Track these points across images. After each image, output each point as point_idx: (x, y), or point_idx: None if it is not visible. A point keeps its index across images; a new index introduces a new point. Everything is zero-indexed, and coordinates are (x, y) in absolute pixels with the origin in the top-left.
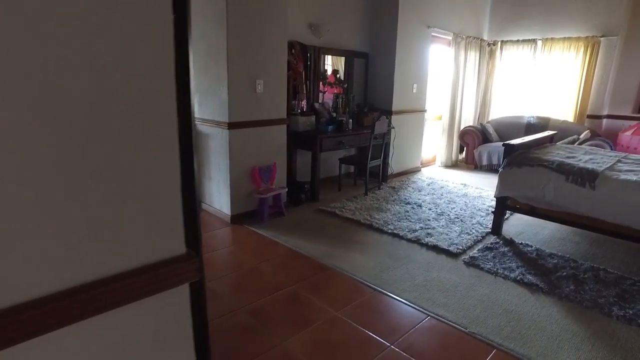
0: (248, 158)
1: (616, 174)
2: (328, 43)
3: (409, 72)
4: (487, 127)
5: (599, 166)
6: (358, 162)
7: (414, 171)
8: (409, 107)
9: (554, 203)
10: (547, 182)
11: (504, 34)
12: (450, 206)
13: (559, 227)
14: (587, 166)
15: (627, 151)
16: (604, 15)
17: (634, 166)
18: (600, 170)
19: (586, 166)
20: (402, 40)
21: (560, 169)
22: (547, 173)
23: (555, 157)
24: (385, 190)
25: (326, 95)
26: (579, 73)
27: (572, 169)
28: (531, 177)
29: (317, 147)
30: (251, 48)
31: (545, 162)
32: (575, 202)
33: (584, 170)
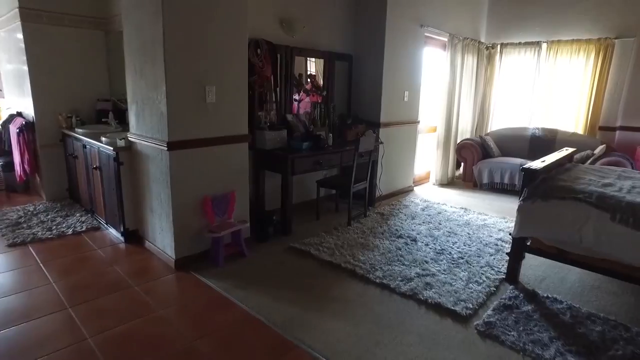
0: (196, 186)
1: None
2: (304, 43)
3: (400, 77)
4: (487, 141)
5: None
6: (340, 185)
7: (405, 192)
8: (400, 118)
9: (595, 249)
10: (585, 221)
11: (504, 36)
12: (451, 240)
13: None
14: (636, 199)
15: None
16: (619, 14)
17: None
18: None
19: (635, 199)
20: (391, 40)
21: (602, 204)
22: (585, 209)
23: (589, 185)
24: (372, 218)
25: (302, 106)
26: (589, 79)
27: (619, 203)
28: (563, 213)
29: (289, 170)
30: (198, 45)
31: (579, 193)
32: (627, 250)
33: (635, 205)
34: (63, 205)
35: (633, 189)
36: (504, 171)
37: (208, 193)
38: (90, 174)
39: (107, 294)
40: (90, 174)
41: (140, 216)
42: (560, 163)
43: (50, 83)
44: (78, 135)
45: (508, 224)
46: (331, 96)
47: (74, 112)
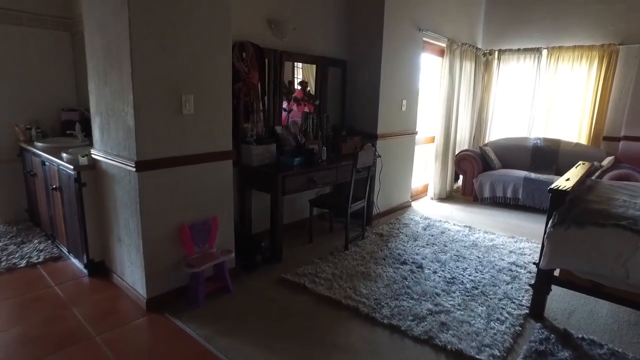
0: (171, 212)
1: None
2: (294, 46)
3: (398, 85)
4: (487, 152)
5: None
6: (336, 205)
7: (403, 208)
8: (398, 129)
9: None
10: (633, 252)
11: (502, 42)
12: (461, 265)
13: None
14: None
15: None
16: (623, 20)
17: None
18: None
19: None
20: (389, 45)
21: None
22: (631, 239)
23: (628, 208)
24: (371, 239)
25: (292, 115)
26: (592, 87)
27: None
28: (603, 243)
29: (279, 189)
30: (173, 47)
31: (621, 219)
32: None
33: None
34: (20, 230)
35: None
36: (506, 184)
37: (185, 220)
38: (50, 195)
39: (58, 349)
40: (50, 195)
41: (107, 245)
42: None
43: (4, 90)
44: (36, 150)
45: (518, 245)
46: (324, 105)
47: (33, 123)
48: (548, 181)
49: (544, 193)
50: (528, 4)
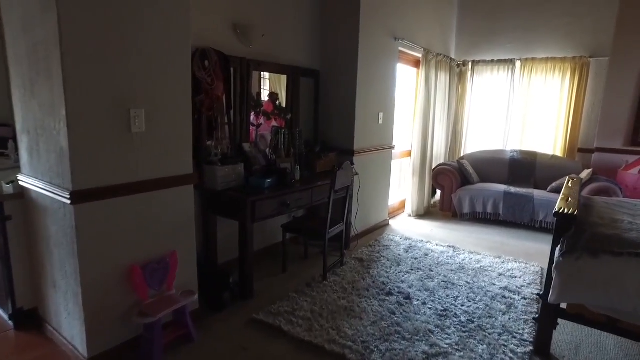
0: (118, 251)
1: None
2: (263, 54)
3: (374, 97)
4: (465, 165)
5: None
6: (312, 230)
7: (381, 227)
8: (375, 143)
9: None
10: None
11: (475, 53)
12: (451, 294)
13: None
14: None
15: (637, 194)
16: (592, 33)
17: None
18: None
19: None
20: (365, 54)
21: None
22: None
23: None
24: (350, 266)
25: (261, 130)
26: (566, 99)
27: None
28: (622, 276)
29: (248, 216)
30: (117, 52)
31: (638, 247)
32: None
33: None
34: None
35: None
36: (486, 199)
37: (136, 259)
38: None
39: None
40: None
41: (40, 291)
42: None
43: None
44: None
45: (507, 266)
46: (296, 119)
47: None
48: (528, 195)
49: (525, 208)
50: (500, 15)
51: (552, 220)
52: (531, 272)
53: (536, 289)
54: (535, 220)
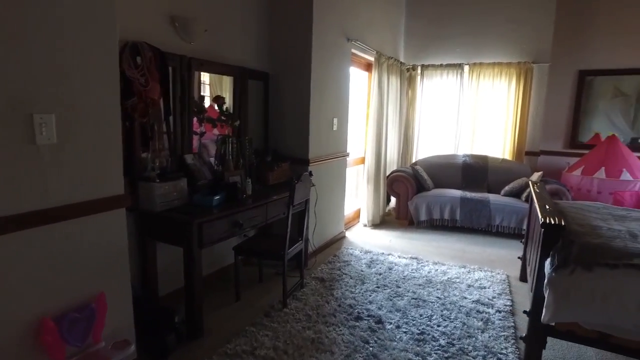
0: (22, 302)
1: None
2: (206, 52)
3: (329, 101)
4: (420, 171)
5: None
6: (269, 252)
7: (338, 239)
8: (330, 151)
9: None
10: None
11: (424, 57)
12: (425, 313)
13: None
14: None
15: (581, 195)
16: (533, 40)
17: None
18: None
19: None
20: (319, 55)
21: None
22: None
23: (622, 239)
24: (312, 287)
25: (205, 138)
26: (513, 103)
27: None
28: (620, 289)
29: (194, 241)
30: (12, 39)
31: (633, 257)
32: None
33: None
34: None
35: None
36: (443, 206)
37: (49, 310)
38: None
39: None
40: None
41: None
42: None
43: None
44: None
45: (473, 276)
46: (245, 126)
47: None
48: (484, 200)
49: (482, 213)
50: (447, 20)
51: (509, 224)
52: (498, 281)
53: (507, 299)
54: (492, 225)
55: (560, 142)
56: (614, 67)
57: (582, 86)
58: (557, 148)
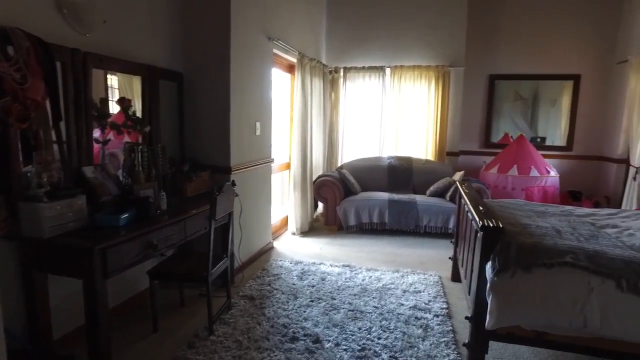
0: None
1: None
2: (107, 47)
3: (251, 104)
4: (347, 175)
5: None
6: (189, 274)
7: (266, 251)
8: (253, 157)
9: (603, 333)
10: (588, 295)
11: (346, 60)
12: (363, 326)
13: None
14: (623, 253)
15: (498, 192)
16: (448, 44)
17: None
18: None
19: (622, 254)
20: (238, 54)
21: (601, 268)
22: (583, 278)
23: (551, 236)
24: (240, 308)
25: (110, 147)
26: (433, 105)
27: (612, 262)
28: (557, 288)
29: (97, 271)
30: None
31: (565, 254)
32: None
33: (633, 263)
34: None
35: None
36: (371, 209)
37: None
38: None
39: None
40: None
41: None
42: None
43: None
44: None
45: (407, 280)
46: (157, 132)
47: None
48: (411, 201)
49: (410, 214)
50: (368, 23)
51: (436, 224)
52: (432, 283)
53: (443, 302)
54: (420, 225)
55: (476, 142)
56: (515, 73)
57: (492, 89)
58: (474, 148)
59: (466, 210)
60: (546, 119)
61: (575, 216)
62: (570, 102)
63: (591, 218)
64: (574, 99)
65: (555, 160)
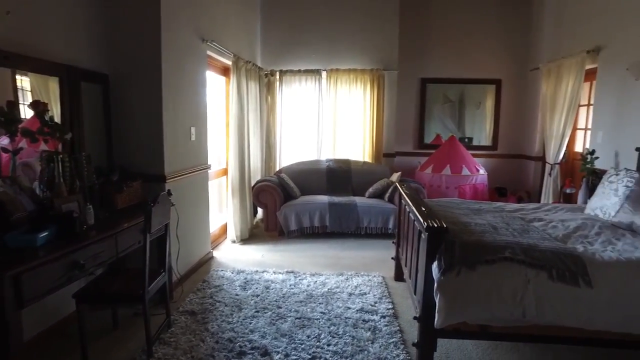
0: None
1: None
2: (12, 43)
3: (185, 108)
4: (286, 180)
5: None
6: (123, 294)
7: (206, 261)
8: (189, 164)
9: (538, 320)
10: (525, 287)
11: (282, 63)
12: (312, 333)
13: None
14: (551, 245)
15: (434, 191)
16: (382, 48)
17: (592, 230)
18: (580, 251)
19: (550, 246)
20: (170, 56)
21: (535, 261)
22: (520, 272)
23: (490, 233)
24: (182, 325)
25: (23, 157)
26: (369, 108)
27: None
28: (498, 283)
29: (8, 300)
30: None
31: (504, 250)
32: (569, 313)
33: (560, 254)
34: None
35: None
36: (312, 213)
37: None
38: None
39: None
40: None
41: None
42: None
43: None
44: None
45: (352, 283)
46: (81, 140)
47: None
48: (351, 203)
49: (350, 216)
50: (303, 26)
51: (376, 225)
52: (376, 284)
53: (388, 302)
54: (361, 227)
55: (410, 144)
56: (443, 77)
57: (424, 92)
58: (409, 149)
59: (407, 211)
60: (472, 121)
61: (506, 212)
62: (494, 105)
63: (520, 213)
64: (496, 102)
65: (482, 159)
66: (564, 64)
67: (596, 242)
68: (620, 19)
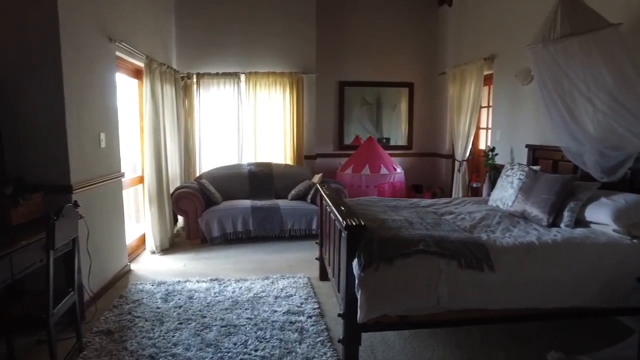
0: None
1: (494, 237)
2: None
3: (93, 113)
4: (206, 185)
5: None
6: (23, 321)
7: (122, 276)
8: (99, 173)
9: (449, 307)
10: (438, 276)
11: (199, 66)
12: (239, 340)
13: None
14: (459, 236)
15: (354, 190)
16: (300, 52)
17: (493, 219)
18: (484, 240)
19: (459, 236)
20: (72, 56)
21: (446, 251)
22: (434, 262)
23: (406, 228)
24: (96, 347)
25: None
26: (289, 111)
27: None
28: (414, 275)
29: None
30: None
31: (418, 243)
32: (476, 296)
33: (467, 243)
34: None
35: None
36: (235, 218)
37: None
38: None
39: None
40: None
41: None
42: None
43: None
44: None
45: (278, 286)
46: None
47: None
48: (274, 206)
49: (274, 219)
50: (219, 28)
51: (300, 227)
52: (302, 286)
53: (314, 302)
54: (285, 229)
55: (331, 145)
56: (360, 80)
57: (342, 95)
58: (329, 150)
59: (328, 211)
60: (389, 122)
61: (421, 207)
62: (407, 107)
63: (433, 208)
64: (410, 104)
65: (399, 158)
66: (467, 69)
67: (497, 230)
68: (508, 31)
